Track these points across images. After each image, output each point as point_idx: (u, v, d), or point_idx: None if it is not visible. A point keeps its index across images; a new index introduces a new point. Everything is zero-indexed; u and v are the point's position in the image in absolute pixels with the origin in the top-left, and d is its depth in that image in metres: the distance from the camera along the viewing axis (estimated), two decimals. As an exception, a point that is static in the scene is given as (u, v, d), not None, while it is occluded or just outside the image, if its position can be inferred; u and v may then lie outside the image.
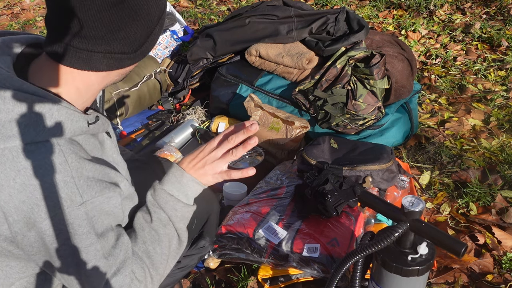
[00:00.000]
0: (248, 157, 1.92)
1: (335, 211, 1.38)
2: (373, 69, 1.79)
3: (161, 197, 1.00)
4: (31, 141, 0.77)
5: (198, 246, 1.19)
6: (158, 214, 0.99)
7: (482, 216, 1.67)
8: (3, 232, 0.79)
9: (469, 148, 2.04)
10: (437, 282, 1.44)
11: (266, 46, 2.09)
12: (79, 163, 0.81)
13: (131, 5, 0.78)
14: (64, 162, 0.79)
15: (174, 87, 2.42)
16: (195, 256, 1.19)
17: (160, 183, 1.03)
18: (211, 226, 1.22)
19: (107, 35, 0.80)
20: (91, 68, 0.83)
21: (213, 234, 1.23)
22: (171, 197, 1.00)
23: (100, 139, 0.95)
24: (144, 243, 0.97)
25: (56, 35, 0.81)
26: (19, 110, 0.77)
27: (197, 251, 1.20)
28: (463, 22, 3.19)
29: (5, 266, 0.87)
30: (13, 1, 4.25)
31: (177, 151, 1.89)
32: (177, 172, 1.03)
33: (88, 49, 0.80)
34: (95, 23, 0.78)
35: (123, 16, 0.79)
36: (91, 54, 0.81)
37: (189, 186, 1.02)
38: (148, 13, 0.82)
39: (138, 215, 1.01)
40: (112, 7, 0.77)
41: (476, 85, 2.51)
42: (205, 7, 3.82)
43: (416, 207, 0.95)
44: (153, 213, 1.00)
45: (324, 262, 1.31)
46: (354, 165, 1.56)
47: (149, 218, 1.00)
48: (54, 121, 0.79)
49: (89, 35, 0.79)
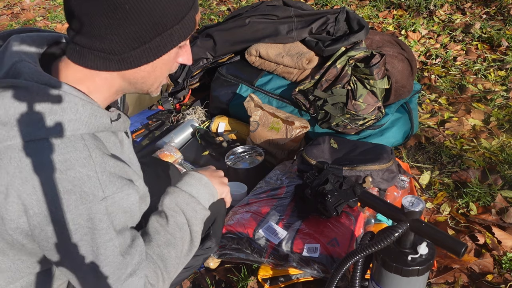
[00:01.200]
0: (248, 157, 1.92)
1: (335, 211, 1.38)
2: (373, 69, 1.79)
3: (182, 199, 1.02)
4: (57, 136, 0.79)
5: (205, 247, 1.19)
6: (175, 218, 1.00)
7: (482, 216, 1.67)
8: (21, 225, 0.79)
9: (469, 148, 2.04)
10: (437, 282, 1.44)
11: (266, 46, 2.09)
12: (102, 158, 0.83)
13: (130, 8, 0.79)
14: (89, 157, 0.80)
15: (174, 87, 2.42)
16: (200, 257, 1.19)
17: (178, 186, 1.05)
18: (217, 227, 1.23)
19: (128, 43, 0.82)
20: (108, 68, 0.85)
21: (219, 235, 1.24)
22: (192, 199, 1.03)
23: (120, 138, 0.96)
24: (158, 247, 0.97)
25: (71, 35, 0.83)
26: (45, 105, 0.79)
27: (203, 252, 1.20)
28: (463, 22, 3.19)
29: (17, 260, 0.87)
30: (13, 1, 4.25)
31: (177, 151, 1.89)
32: (195, 175, 1.08)
33: (89, 47, 0.82)
34: (95, 22, 0.79)
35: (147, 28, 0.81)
36: (108, 56, 0.83)
37: (208, 188, 1.07)
38: (172, 32, 0.84)
39: (152, 219, 1.01)
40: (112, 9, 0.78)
41: (476, 85, 2.51)
42: (205, 7, 3.82)
43: (416, 207, 0.95)
44: (170, 216, 1.00)
45: (324, 262, 1.31)
46: (354, 165, 1.56)
47: (164, 222, 1.00)
48: (79, 116, 0.81)
49: (90, 33, 0.80)
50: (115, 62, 0.84)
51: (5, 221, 0.79)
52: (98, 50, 0.82)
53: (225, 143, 2.04)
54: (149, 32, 0.82)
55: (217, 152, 2.02)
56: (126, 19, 0.79)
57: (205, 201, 1.07)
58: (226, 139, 2.06)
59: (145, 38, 0.83)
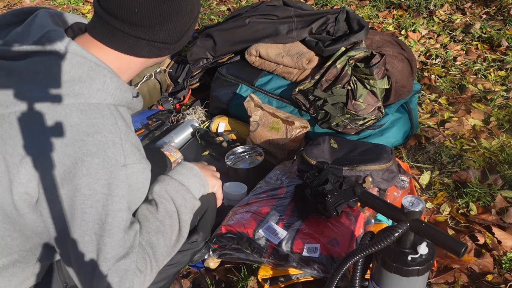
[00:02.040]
0: (248, 157, 1.92)
1: (335, 211, 1.38)
2: (373, 69, 1.79)
3: (172, 187, 1.03)
4: (85, 102, 0.82)
5: (191, 241, 1.18)
6: (165, 205, 1.00)
7: (482, 216, 1.67)
8: (29, 190, 0.80)
9: (469, 148, 2.04)
10: (437, 282, 1.44)
11: (266, 46, 2.09)
12: (126, 128, 0.86)
13: (180, 1, 0.86)
14: (115, 124, 0.83)
15: (174, 87, 2.42)
16: (187, 252, 1.18)
17: (169, 174, 1.06)
18: (206, 221, 1.22)
19: (156, 26, 0.86)
20: (134, 53, 0.90)
21: (207, 231, 1.23)
22: (182, 187, 1.04)
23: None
24: (148, 233, 0.97)
25: (106, 19, 0.86)
26: (77, 72, 0.82)
27: (189, 246, 1.18)
28: (463, 22, 3.19)
29: (7, 236, 0.88)
30: (13, 1, 4.25)
31: (177, 151, 1.89)
32: (187, 165, 1.09)
33: (135, 36, 0.87)
34: (148, 13, 0.84)
35: (172, 9, 0.86)
36: (137, 41, 0.88)
37: (198, 178, 1.08)
38: (192, 10, 0.90)
39: (141, 206, 1.01)
40: (166, 0, 0.84)
41: (476, 85, 2.51)
42: (205, 7, 3.82)
43: (416, 207, 0.95)
44: (160, 204, 1.00)
45: (324, 262, 1.31)
46: (354, 165, 1.56)
47: (154, 209, 1.00)
48: (106, 87, 0.85)
49: (139, 23, 0.85)
50: (166, 50, 0.92)
51: (14, 185, 0.80)
52: (152, 40, 0.88)
53: (225, 143, 2.04)
54: (189, 20, 0.90)
55: (217, 152, 2.02)
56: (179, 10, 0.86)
57: (196, 191, 1.08)
58: (226, 139, 2.06)
59: (186, 27, 0.91)
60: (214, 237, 1.43)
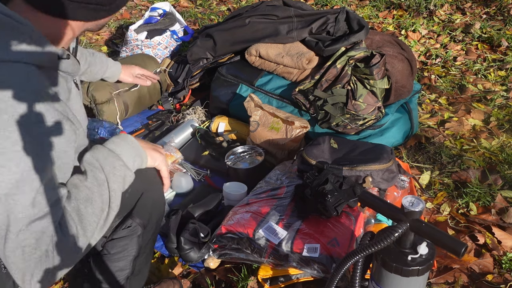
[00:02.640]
0: (248, 157, 1.92)
1: (335, 211, 1.38)
2: (373, 69, 1.79)
3: (101, 153, 0.99)
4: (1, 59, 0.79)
5: (126, 226, 1.13)
6: (94, 173, 0.97)
7: (482, 216, 1.67)
8: None
9: (469, 148, 2.04)
10: (437, 282, 1.44)
11: (266, 46, 2.09)
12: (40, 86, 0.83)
13: None
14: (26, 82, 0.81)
15: (174, 87, 2.42)
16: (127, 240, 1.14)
17: (102, 144, 1.03)
18: (144, 205, 1.16)
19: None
20: (67, 17, 0.88)
21: (144, 217, 1.16)
22: (111, 153, 1.00)
23: (68, 86, 0.97)
24: (76, 200, 0.93)
25: None
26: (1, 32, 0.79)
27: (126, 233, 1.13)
28: (463, 22, 3.19)
29: None
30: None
31: (177, 151, 1.89)
32: (122, 135, 1.06)
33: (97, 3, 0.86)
34: None
35: None
36: (70, 3, 0.85)
37: (133, 148, 1.05)
38: None
39: (72, 176, 0.98)
40: None
41: (476, 85, 2.51)
42: (205, 7, 3.82)
43: (416, 207, 0.95)
44: (89, 171, 0.97)
45: (324, 262, 1.31)
46: (354, 165, 1.56)
47: (83, 177, 0.96)
48: (26, 44, 0.82)
49: None
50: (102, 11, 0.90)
51: None
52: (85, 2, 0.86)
53: (225, 143, 2.04)
54: None
55: (217, 152, 2.02)
56: None
57: (129, 160, 1.03)
58: (226, 139, 2.06)
59: None
60: (214, 237, 1.43)
